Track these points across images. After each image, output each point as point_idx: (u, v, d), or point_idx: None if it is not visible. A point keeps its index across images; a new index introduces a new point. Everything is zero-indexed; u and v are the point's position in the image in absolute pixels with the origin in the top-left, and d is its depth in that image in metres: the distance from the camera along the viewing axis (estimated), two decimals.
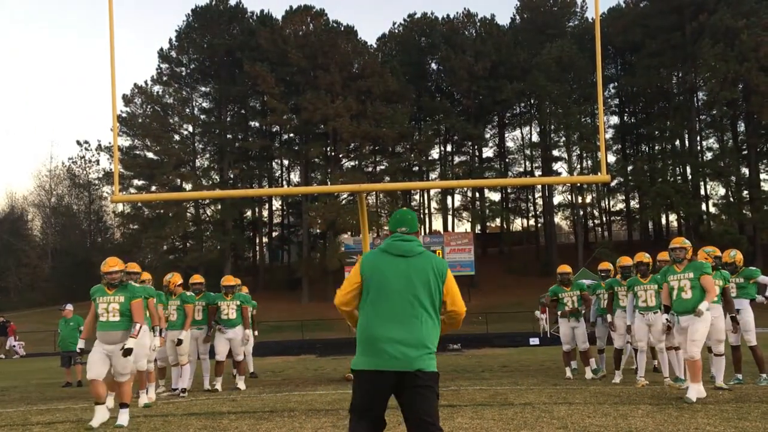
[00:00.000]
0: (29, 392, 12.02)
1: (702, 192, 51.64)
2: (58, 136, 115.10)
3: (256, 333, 13.33)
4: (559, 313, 10.71)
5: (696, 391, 7.32)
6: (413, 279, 3.65)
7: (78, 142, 62.50)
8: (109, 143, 53.82)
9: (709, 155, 52.09)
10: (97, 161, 58.70)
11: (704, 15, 47.23)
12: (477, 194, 56.61)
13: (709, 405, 6.97)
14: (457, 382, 10.10)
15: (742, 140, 52.30)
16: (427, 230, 56.92)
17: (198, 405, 8.44)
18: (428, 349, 3.59)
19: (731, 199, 48.89)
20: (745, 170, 50.24)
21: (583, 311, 10.46)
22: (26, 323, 39.14)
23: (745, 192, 49.09)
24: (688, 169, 51.17)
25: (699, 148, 52.21)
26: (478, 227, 57.57)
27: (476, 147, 58.79)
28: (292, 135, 55.82)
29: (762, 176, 51.52)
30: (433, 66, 58.56)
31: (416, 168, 55.53)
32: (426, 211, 60.13)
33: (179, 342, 9.70)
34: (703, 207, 50.53)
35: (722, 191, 51.17)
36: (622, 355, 10.05)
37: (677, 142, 53.20)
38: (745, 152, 50.99)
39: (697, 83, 50.40)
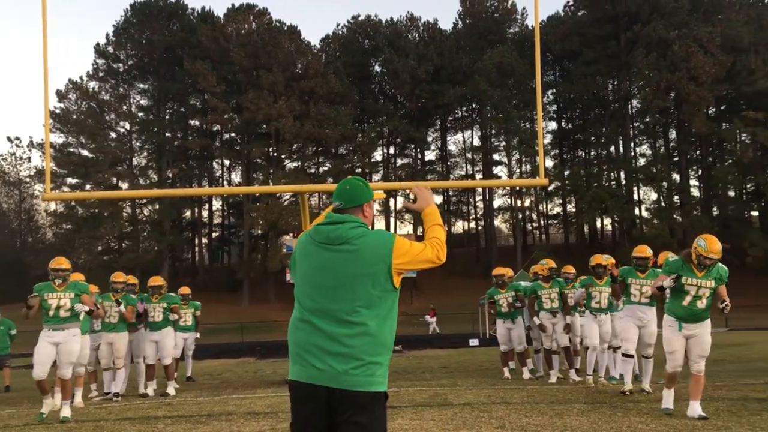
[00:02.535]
0: None
1: (635, 197, 53.34)
2: None
3: (198, 335, 13.06)
4: (492, 312, 10.88)
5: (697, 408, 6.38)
6: (341, 274, 2.80)
7: (8, 139, 60.40)
8: (42, 140, 52.00)
9: (642, 161, 53.95)
10: (29, 158, 56.96)
11: (638, 26, 48.90)
12: None
13: (641, 404, 7.19)
14: (398, 383, 10.13)
15: (673, 147, 54.41)
16: None
17: (132, 409, 8.21)
18: (362, 360, 2.75)
19: (663, 204, 50.77)
20: (676, 176, 52.23)
21: (519, 308, 10.57)
22: None
23: (676, 197, 51.05)
24: (623, 175, 52.78)
25: (633, 154, 53.97)
26: (420, 229, 57.91)
27: (419, 150, 59.24)
28: (233, 135, 55.10)
29: (692, 182, 53.70)
30: (377, 68, 58.76)
31: (359, 169, 55.48)
32: None
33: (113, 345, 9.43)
34: (636, 211, 52.18)
35: (654, 196, 53.12)
36: (552, 355, 10.16)
37: (612, 148, 54.87)
38: (676, 159, 53.06)
39: (631, 91, 52.11)
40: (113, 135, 53.20)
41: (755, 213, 54.12)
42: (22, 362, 17.18)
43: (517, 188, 52.51)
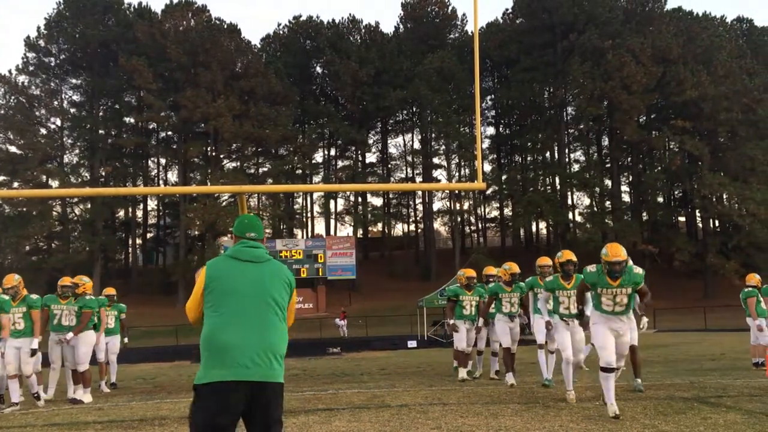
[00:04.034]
0: None
1: (569, 201, 54.73)
2: None
3: (126, 340, 12.70)
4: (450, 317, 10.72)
5: None
6: (266, 284, 3.41)
7: None
8: None
9: (576, 167, 55.34)
10: None
11: (574, 35, 50.32)
12: (359, 199, 57.07)
13: (573, 404, 7.38)
14: (335, 386, 10.12)
15: (606, 154, 56.12)
16: (310, 234, 56.73)
17: (61, 415, 7.94)
18: (280, 359, 3.36)
19: (595, 209, 52.31)
20: (608, 182, 53.90)
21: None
22: None
23: (608, 202, 52.67)
24: (557, 180, 54.08)
25: (567, 159, 55.40)
26: (360, 231, 58.06)
27: (359, 152, 59.32)
28: (170, 133, 53.98)
29: (623, 188, 55.50)
30: (318, 69, 58.62)
31: (300, 171, 55.22)
32: (309, 214, 59.95)
33: (33, 352, 8.99)
34: (570, 216, 53.61)
35: (587, 201, 54.68)
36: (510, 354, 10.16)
37: (548, 154, 56.23)
38: (608, 165, 54.74)
39: (566, 98, 53.51)
40: (43, 131, 51.38)
41: (682, 218, 56.40)
42: None
43: (456, 192, 53.17)
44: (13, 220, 47.08)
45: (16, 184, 47.07)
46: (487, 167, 57.79)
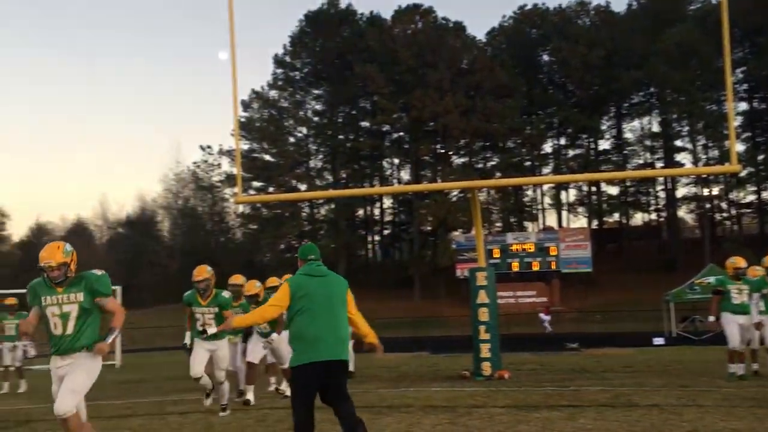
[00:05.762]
0: (161, 384, 12.78)
1: None
2: (183, 141, 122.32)
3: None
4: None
5: None
6: (331, 290, 4.81)
7: (201, 147, 65.77)
8: (230, 147, 56.42)
9: None
10: (219, 165, 61.49)
11: None
12: (593, 188, 54.75)
13: None
14: (577, 383, 9.79)
15: None
16: (541, 226, 55.67)
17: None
18: (347, 343, 4.84)
19: None
20: None
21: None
22: (156, 319, 41.66)
23: None
24: None
25: None
26: (594, 223, 55.64)
27: (592, 139, 56.86)
28: (401, 134, 56.21)
29: None
30: (545, 58, 57.18)
31: (528, 163, 54.42)
32: (539, 206, 58.82)
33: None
34: None
35: None
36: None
37: None
38: None
39: None
40: (292, 140, 56.47)
41: None
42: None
43: (704, 176, 48.71)
44: (270, 222, 52.52)
45: (271, 189, 52.33)
46: (740, 147, 52.08)
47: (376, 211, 61.31)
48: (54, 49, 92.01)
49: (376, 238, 62.61)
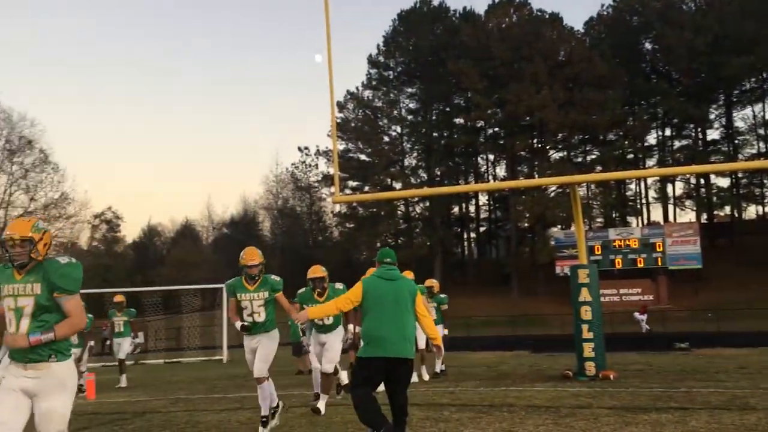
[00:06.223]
0: None
1: None
2: (281, 144, 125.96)
3: (446, 331, 12.20)
4: None
5: None
6: (400, 294, 5.25)
7: (299, 149, 67.47)
8: (327, 148, 57.60)
9: None
10: (316, 165, 62.88)
11: None
12: (702, 181, 52.07)
13: None
14: (688, 384, 9.36)
15: None
16: (645, 221, 53.52)
17: (418, 396, 8.70)
18: (412, 342, 5.23)
19: None
20: None
21: None
22: None
23: None
24: None
25: None
26: (704, 216, 52.93)
27: (699, 129, 54.06)
28: (496, 129, 55.51)
29: None
30: (647, 46, 54.84)
31: (631, 156, 52.45)
32: (643, 201, 56.53)
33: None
34: None
35: None
36: None
37: None
38: None
39: None
40: (386, 139, 56.93)
41: None
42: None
43: None
44: (366, 221, 53.22)
45: (366, 188, 53.00)
46: None
47: (472, 208, 60.90)
48: (171, 58, 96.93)
49: (472, 235, 62.16)
